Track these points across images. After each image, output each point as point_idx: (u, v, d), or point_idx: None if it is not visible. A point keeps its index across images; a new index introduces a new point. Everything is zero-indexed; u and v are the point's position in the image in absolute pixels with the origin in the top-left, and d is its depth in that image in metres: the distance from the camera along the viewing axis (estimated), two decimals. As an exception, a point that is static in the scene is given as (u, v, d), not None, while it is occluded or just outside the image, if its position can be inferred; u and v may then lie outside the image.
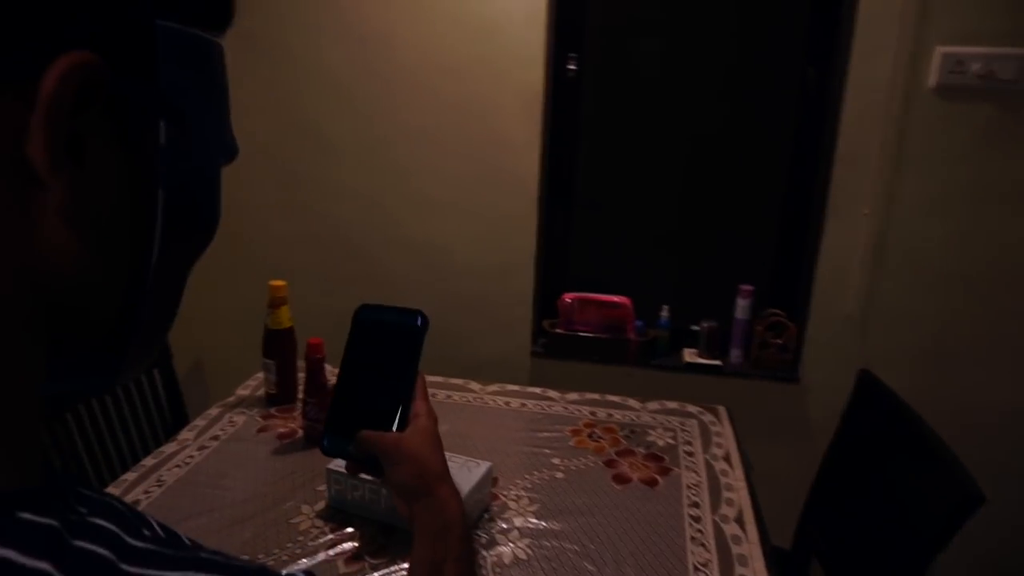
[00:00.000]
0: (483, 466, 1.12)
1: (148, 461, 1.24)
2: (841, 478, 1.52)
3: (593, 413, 1.50)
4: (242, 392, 1.55)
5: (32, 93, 0.27)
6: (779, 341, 1.94)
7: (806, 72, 1.89)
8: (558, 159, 2.03)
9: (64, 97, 0.28)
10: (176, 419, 1.73)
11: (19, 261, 0.29)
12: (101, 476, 1.48)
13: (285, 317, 1.47)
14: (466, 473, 1.09)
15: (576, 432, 1.41)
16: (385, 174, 2.07)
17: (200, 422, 1.40)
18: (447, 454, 1.12)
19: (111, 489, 1.15)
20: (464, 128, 1.97)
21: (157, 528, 0.36)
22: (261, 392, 1.53)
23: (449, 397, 1.56)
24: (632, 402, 1.56)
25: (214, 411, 1.45)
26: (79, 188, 0.30)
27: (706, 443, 1.39)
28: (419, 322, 0.78)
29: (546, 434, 1.39)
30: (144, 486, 1.16)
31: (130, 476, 1.19)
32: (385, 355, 0.78)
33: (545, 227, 2.03)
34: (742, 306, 1.94)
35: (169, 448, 1.29)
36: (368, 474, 0.78)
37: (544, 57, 1.87)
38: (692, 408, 1.53)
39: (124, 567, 0.28)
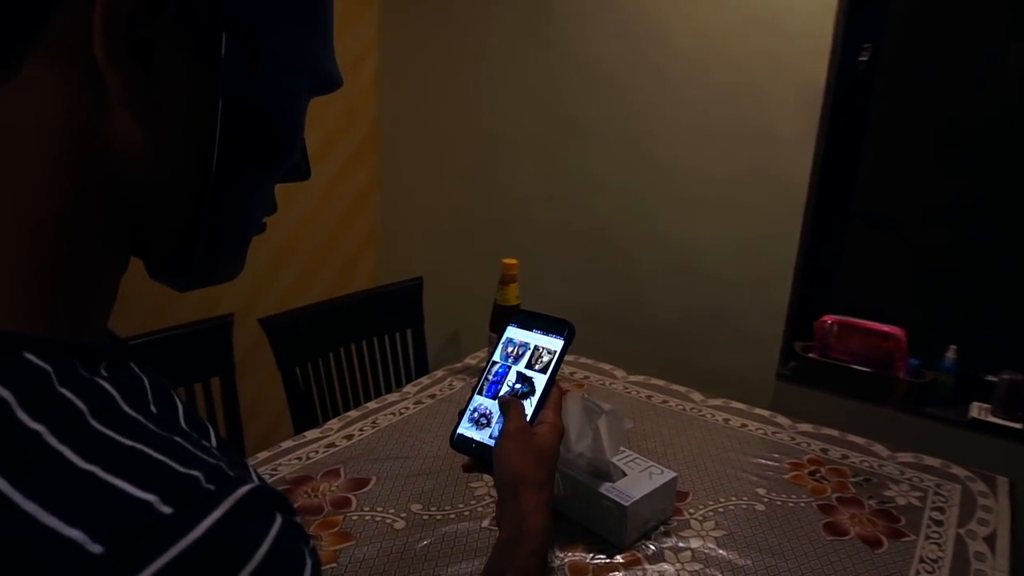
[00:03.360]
0: (667, 475, 1.03)
1: (371, 404, 1.38)
2: None
3: (824, 450, 1.30)
4: (470, 361, 1.65)
5: None
6: (1116, 414, 1.49)
7: None
8: (835, 162, 1.79)
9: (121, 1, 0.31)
10: (419, 375, 1.90)
11: (92, 146, 0.33)
12: (347, 407, 1.67)
13: (513, 295, 1.52)
14: (646, 478, 1.02)
15: (796, 466, 1.24)
16: (644, 169, 2.03)
17: (425, 380, 1.52)
18: (630, 453, 1.07)
19: (333, 422, 1.29)
20: (732, 124, 1.85)
21: (180, 415, 0.39)
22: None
23: (665, 402, 1.48)
24: (878, 447, 1.32)
25: (440, 373, 1.56)
26: (142, 86, 0.33)
27: (966, 516, 1.12)
28: (565, 333, 0.79)
29: (760, 460, 1.24)
30: (360, 424, 1.29)
31: (353, 414, 1.33)
32: (528, 361, 0.79)
33: (810, 237, 1.81)
34: (1064, 361, 1.53)
35: (391, 397, 1.42)
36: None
37: (831, 46, 1.66)
38: (958, 470, 1.25)
39: (91, 421, 0.29)
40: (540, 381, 0.77)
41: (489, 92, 2.27)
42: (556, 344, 0.80)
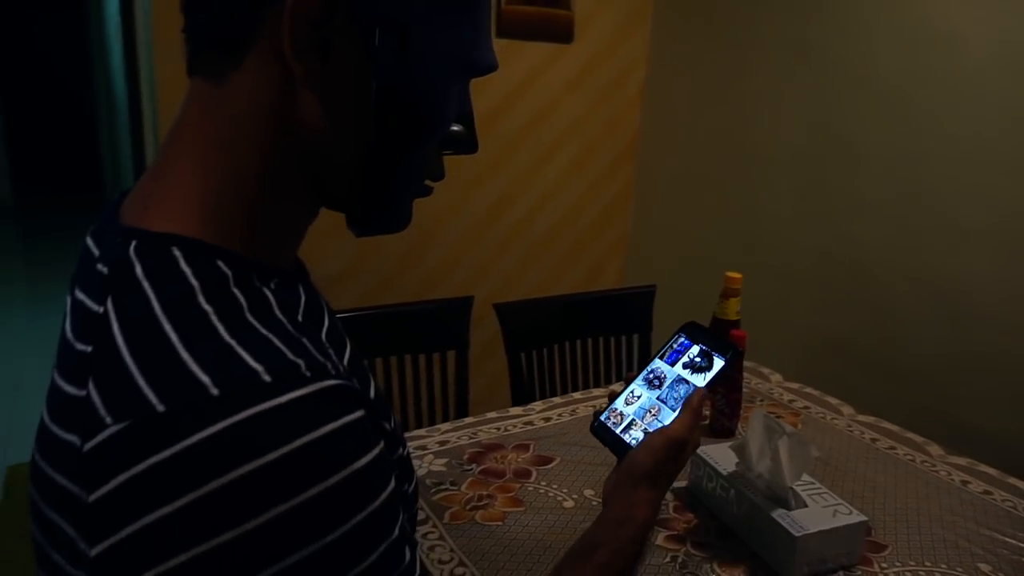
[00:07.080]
0: (855, 517, 0.95)
1: (576, 395, 1.45)
2: None
3: (1093, 542, 1.07)
4: (684, 371, 1.64)
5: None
6: None
7: None
8: None
9: (304, 6, 0.41)
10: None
11: (288, 121, 0.45)
12: (536, 397, 1.74)
13: (732, 309, 1.48)
14: (828, 515, 0.95)
15: (1043, 551, 1.04)
16: (916, 193, 1.82)
17: (615, 387, 1.55)
18: (819, 485, 1.02)
19: (536, 404, 1.40)
20: (1032, 146, 1.58)
21: (324, 329, 0.50)
22: (697, 376, 1.58)
23: (892, 448, 1.33)
24: None
25: (647, 378, 1.58)
26: (321, 76, 0.43)
27: None
28: (728, 356, 0.78)
29: (993, 534, 1.07)
30: (560, 410, 1.37)
31: (556, 399, 1.42)
32: (685, 371, 0.81)
33: None
34: None
35: (597, 391, 1.48)
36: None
37: None
38: None
39: (246, 313, 0.41)
40: (718, 362, 0.79)
41: (753, 105, 2.21)
42: (716, 361, 0.80)
